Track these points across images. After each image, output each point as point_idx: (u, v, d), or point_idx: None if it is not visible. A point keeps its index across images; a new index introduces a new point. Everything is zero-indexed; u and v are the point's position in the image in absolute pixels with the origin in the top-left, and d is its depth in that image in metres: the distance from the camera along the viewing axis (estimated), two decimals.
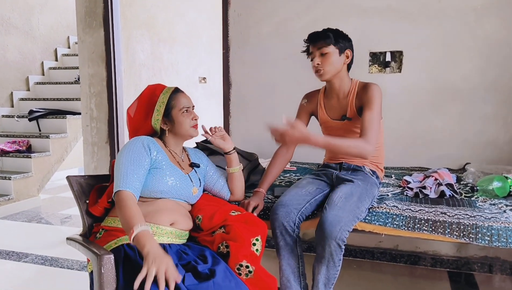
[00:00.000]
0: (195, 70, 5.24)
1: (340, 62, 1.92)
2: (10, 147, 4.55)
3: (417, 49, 2.69)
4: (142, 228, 1.34)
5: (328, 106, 2.03)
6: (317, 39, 1.91)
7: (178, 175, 1.66)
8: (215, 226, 1.63)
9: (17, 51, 5.35)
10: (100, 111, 3.49)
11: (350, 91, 1.96)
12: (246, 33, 3.08)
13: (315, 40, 1.92)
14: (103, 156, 3.52)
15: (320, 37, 1.91)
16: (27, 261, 2.97)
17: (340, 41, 1.91)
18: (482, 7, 2.56)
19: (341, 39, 1.92)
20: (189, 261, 1.46)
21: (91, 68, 3.49)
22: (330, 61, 1.90)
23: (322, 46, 1.90)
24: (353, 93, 1.95)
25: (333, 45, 1.90)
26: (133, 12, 4.01)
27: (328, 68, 1.90)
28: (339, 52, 1.91)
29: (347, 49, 1.93)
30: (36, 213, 4.24)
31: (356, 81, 1.99)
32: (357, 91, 1.95)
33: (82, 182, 1.72)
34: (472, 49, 2.61)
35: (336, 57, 1.90)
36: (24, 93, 5.43)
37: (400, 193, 2.01)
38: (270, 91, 3.06)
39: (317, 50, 1.91)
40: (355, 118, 1.94)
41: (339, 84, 1.97)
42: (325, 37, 1.90)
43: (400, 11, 2.70)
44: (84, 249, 1.46)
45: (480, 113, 2.62)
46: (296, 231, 1.75)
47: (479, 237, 1.60)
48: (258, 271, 1.51)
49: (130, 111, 1.74)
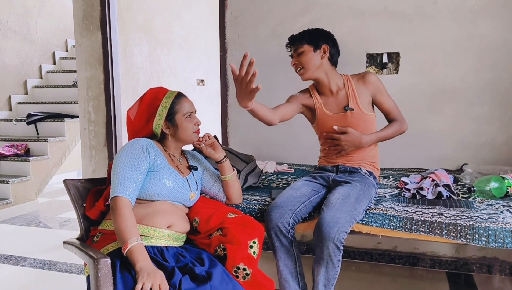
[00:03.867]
0: (193, 73, 5.24)
1: (316, 58, 1.97)
2: (8, 151, 4.55)
3: (413, 50, 2.69)
4: (135, 243, 1.38)
5: (325, 102, 2.04)
6: (293, 41, 2.01)
7: (176, 179, 1.65)
8: (212, 229, 1.63)
9: (15, 55, 5.36)
10: (98, 114, 3.49)
11: (346, 83, 2.01)
12: (243, 35, 3.08)
13: (291, 43, 2.02)
14: (101, 159, 3.52)
15: (295, 39, 2.00)
16: (25, 265, 2.96)
17: (314, 39, 1.96)
18: (478, 8, 2.56)
19: (316, 36, 1.97)
20: (186, 264, 1.46)
21: (88, 71, 3.49)
22: (306, 59, 1.96)
23: (298, 47, 1.98)
24: (350, 85, 2.00)
25: (307, 44, 1.96)
26: (130, 15, 4.01)
27: (306, 65, 1.97)
28: (313, 49, 1.96)
29: (323, 45, 1.97)
30: (35, 216, 4.24)
31: (347, 75, 2.04)
32: (355, 82, 2.01)
33: (79, 186, 1.72)
34: (468, 50, 2.61)
35: (311, 54, 1.96)
36: (22, 96, 5.43)
37: (397, 194, 2.01)
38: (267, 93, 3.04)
39: (294, 52, 2.01)
40: (358, 108, 1.97)
41: (328, 79, 2.00)
42: (299, 37, 1.98)
43: (396, 12, 2.70)
44: (81, 252, 1.46)
45: (477, 114, 2.63)
46: (291, 232, 1.75)
47: (476, 238, 1.60)
48: (255, 273, 1.51)
49: (130, 113, 1.73)
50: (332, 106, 2.02)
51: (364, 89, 1.99)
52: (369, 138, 1.96)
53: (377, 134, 2.00)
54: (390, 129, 2.02)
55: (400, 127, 2.03)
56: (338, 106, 2.01)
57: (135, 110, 1.71)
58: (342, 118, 1.99)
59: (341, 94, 2.00)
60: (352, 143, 1.94)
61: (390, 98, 2.04)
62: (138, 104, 1.73)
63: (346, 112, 1.98)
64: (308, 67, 1.97)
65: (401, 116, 2.05)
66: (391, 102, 2.04)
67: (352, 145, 1.95)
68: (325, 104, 2.04)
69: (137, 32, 4.10)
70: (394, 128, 2.02)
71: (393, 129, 2.02)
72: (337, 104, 2.01)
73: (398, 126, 2.02)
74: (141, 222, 1.53)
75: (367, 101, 2.00)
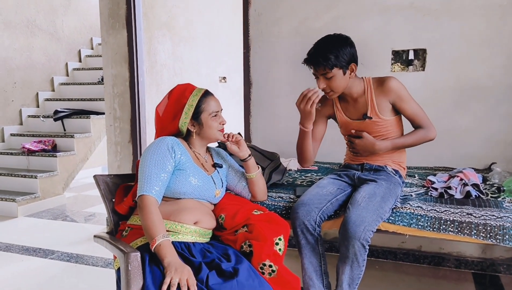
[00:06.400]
0: (214, 70, 5.27)
1: (346, 79, 1.87)
2: (36, 146, 4.67)
3: (440, 46, 2.64)
4: (163, 239, 1.41)
5: (345, 108, 2.00)
6: (317, 65, 1.83)
7: (201, 177, 1.67)
8: (238, 225, 1.64)
9: (42, 53, 5.49)
10: (123, 111, 3.55)
11: (366, 89, 1.93)
12: (267, 33, 3.08)
13: (315, 66, 1.84)
14: (126, 155, 3.58)
15: (319, 63, 1.81)
16: (53, 257, 3.05)
17: (342, 59, 1.80)
18: (507, 3, 2.50)
19: (342, 57, 1.80)
20: (213, 259, 1.48)
21: (114, 69, 3.55)
22: (336, 84, 1.85)
23: (326, 72, 1.82)
24: (370, 91, 1.92)
25: (336, 67, 1.81)
26: (154, 13, 4.06)
27: (336, 89, 1.87)
28: (343, 72, 1.84)
29: (351, 64, 1.85)
30: (61, 211, 4.35)
31: (368, 79, 1.95)
32: (375, 88, 1.91)
33: (108, 181, 1.76)
34: (496, 46, 2.55)
35: (340, 76, 1.84)
36: (49, 93, 5.56)
37: (424, 193, 1.99)
38: (290, 90, 3.05)
39: (320, 75, 1.85)
40: (376, 116, 1.91)
41: (349, 88, 1.93)
42: (325, 62, 1.79)
43: (423, 8, 2.66)
44: (111, 246, 1.49)
45: (506, 112, 2.56)
46: (317, 230, 1.75)
47: (506, 238, 1.57)
48: (281, 270, 1.52)
49: (159, 109, 1.75)
50: (352, 113, 1.99)
51: (383, 97, 1.89)
52: (383, 146, 1.89)
53: (394, 142, 1.91)
54: (412, 137, 1.91)
55: (425, 134, 1.90)
56: (358, 113, 1.96)
57: (164, 106, 1.73)
58: (362, 124, 1.95)
59: (361, 101, 1.94)
60: (366, 148, 1.90)
61: (413, 104, 1.90)
62: (166, 100, 1.74)
63: (364, 120, 1.93)
64: (338, 90, 1.88)
65: (427, 122, 1.91)
66: (414, 108, 1.90)
67: (366, 150, 1.91)
68: (345, 110, 2.01)
69: (161, 30, 4.15)
70: (416, 136, 1.90)
71: (415, 137, 1.90)
72: (357, 111, 1.97)
73: (422, 134, 1.90)
74: (168, 218, 1.56)
75: (387, 109, 1.91)
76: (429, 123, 1.91)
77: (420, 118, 1.91)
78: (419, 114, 1.91)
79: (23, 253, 3.14)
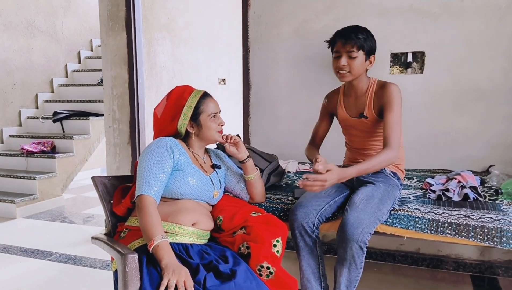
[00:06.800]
0: (214, 72, 5.27)
1: (363, 67, 1.91)
2: (35, 147, 4.67)
3: (439, 49, 2.65)
4: (161, 240, 1.41)
5: (347, 104, 2.04)
6: (348, 40, 1.85)
7: (199, 177, 1.67)
8: (236, 227, 1.64)
9: (42, 54, 5.49)
10: (122, 112, 3.55)
11: (368, 89, 1.95)
12: (266, 35, 3.09)
13: (345, 41, 1.85)
14: (125, 157, 3.58)
15: (351, 39, 1.84)
16: (52, 259, 3.04)
17: (368, 45, 1.87)
18: (506, 5, 2.50)
19: (368, 43, 1.88)
20: (210, 261, 1.48)
21: (113, 71, 3.55)
22: (356, 65, 1.87)
23: (352, 50, 1.85)
24: (371, 92, 1.94)
25: (362, 50, 1.86)
26: (154, 15, 4.06)
27: (353, 71, 1.88)
28: (365, 58, 1.89)
29: (372, 55, 1.91)
30: (60, 212, 4.35)
31: (374, 80, 1.97)
32: (376, 90, 1.93)
33: (106, 183, 1.76)
34: (496, 49, 2.55)
35: (361, 62, 1.89)
36: (48, 95, 5.57)
37: (422, 196, 1.99)
38: (289, 92, 3.06)
39: (345, 52, 1.86)
40: (372, 116, 1.93)
41: (357, 83, 1.96)
42: (357, 39, 1.84)
43: (422, 10, 2.66)
44: (109, 248, 1.49)
45: (504, 114, 2.56)
46: (316, 232, 1.75)
47: (503, 241, 1.57)
48: (279, 272, 1.52)
49: (157, 110, 1.75)
50: (352, 110, 2.02)
51: (379, 98, 1.91)
52: (348, 173, 1.71)
53: (358, 168, 1.73)
54: (373, 161, 1.74)
55: (386, 157, 1.75)
56: (357, 111, 1.99)
57: (162, 108, 1.74)
58: (359, 123, 1.98)
59: (362, 100, 1.97)
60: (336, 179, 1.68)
61: (396, 117, 1.81)
62: (164, 101, 1.75)
63: (360, 118, 1.96)
64: (354, 73, 1.88)
65: (395, 142, 1.77)
66: (394, 122, 1.80)
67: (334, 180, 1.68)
68: (346, 107, 2.04)
69: (160, 32, 4.15)
70: (378, 159, 1.74)
71: (377, 161, 1.74)
72: (356, 109, 2.00)
73: (383, 157, 1.75)
74: (166, 219, 1.56)
75: (381, 111, 1.91)
76: (396, 144, 1.78)
77: (391, 134, 1.79)
78: (394, 130, 1.79)
79: (21, 255, 3.14)
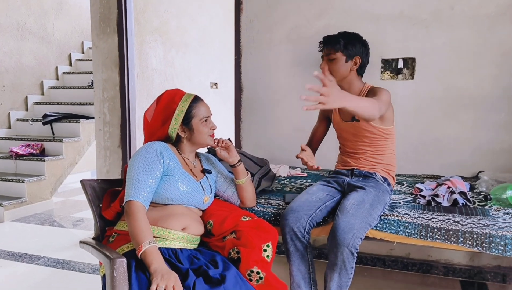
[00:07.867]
0: (206, 76, 5.27)
1: (346, 68, 1.94)
2: (24, 150, 4.62)
3: (430, 56, 2.67)
4: (149, 245, 1.40)
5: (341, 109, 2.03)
6: (327, 44, 1.96)
7: (190, 183, 1.66)
8: (226, 232, 1.63)
9: (32, 56, 5.44)
10: (113, 115, 3.52)
11: (360, 94, 1.98)
12: (258, 39, 3.09)
13: (325, 44, 1.98)
14: (116, 160, 3.56)
15: (329, 43, 1.95)
16: (40, 263, 3.00)
17: (349, 48, 1.92)
18: (495, 14, 2.54)
19: (351, 46, 1.93)
20: (200, 266, 1.47)
21: (104, 73, 3.53)
22: (336, 67, 1.93)
23: (330, 52, 1.94)
24: (363, 96, 1.96)
25: (341, 52, 1.92)
26: (146, 18, 4.05)
27: (334, 73, 1.90)
28: (346, 59, 1.93)
29: (356, 56, 1.94)
30: (49, 216, 4.29)
31: (368, 85, 2.00)
32: (367, 94, 1.95)
33: (95, 186, 1.75)
34: (485, 57, 2.58)
35: (342, 63, 1.93)
36: (38, 97, 5.51)
37: (412, 201, 2.00)
38: (281, 97, 3.07)
39: (325, 55, 1.96)
40: (362, 120, 1.94)
41: (348, 88, 1.98)
42: (334, 43, 1.93)
43: (413, 17, 2.69)
44: (97, 252, 1.48)
45: (494, 121, 2.59)
46: (307, 237, 1.75)
47: (492, 246, 1.58)
48: (268, 277, 1.51)
49: (147, 115, 1.74)
50: (345, 114, 2.04)
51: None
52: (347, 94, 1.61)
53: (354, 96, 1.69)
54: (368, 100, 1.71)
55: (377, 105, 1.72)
56: (349, 114, 2.00)
57: (152, 112, 1.72)
58: (351, 126, 2.01)
59: None
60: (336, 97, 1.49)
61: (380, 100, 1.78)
62: (154, 105, 1.73)
63: (352, 122, 1.99)
64: (335, 76, 1.87)
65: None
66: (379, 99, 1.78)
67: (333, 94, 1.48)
68: (340, 110, 2.06)
69: (152, 35, 4.14)
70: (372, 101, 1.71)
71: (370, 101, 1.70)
72: (349, 112, 1.98)
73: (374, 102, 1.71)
74: (156, 224, 1.55)
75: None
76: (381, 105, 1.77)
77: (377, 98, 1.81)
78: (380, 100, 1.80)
79: (8, 258, 3.09)
